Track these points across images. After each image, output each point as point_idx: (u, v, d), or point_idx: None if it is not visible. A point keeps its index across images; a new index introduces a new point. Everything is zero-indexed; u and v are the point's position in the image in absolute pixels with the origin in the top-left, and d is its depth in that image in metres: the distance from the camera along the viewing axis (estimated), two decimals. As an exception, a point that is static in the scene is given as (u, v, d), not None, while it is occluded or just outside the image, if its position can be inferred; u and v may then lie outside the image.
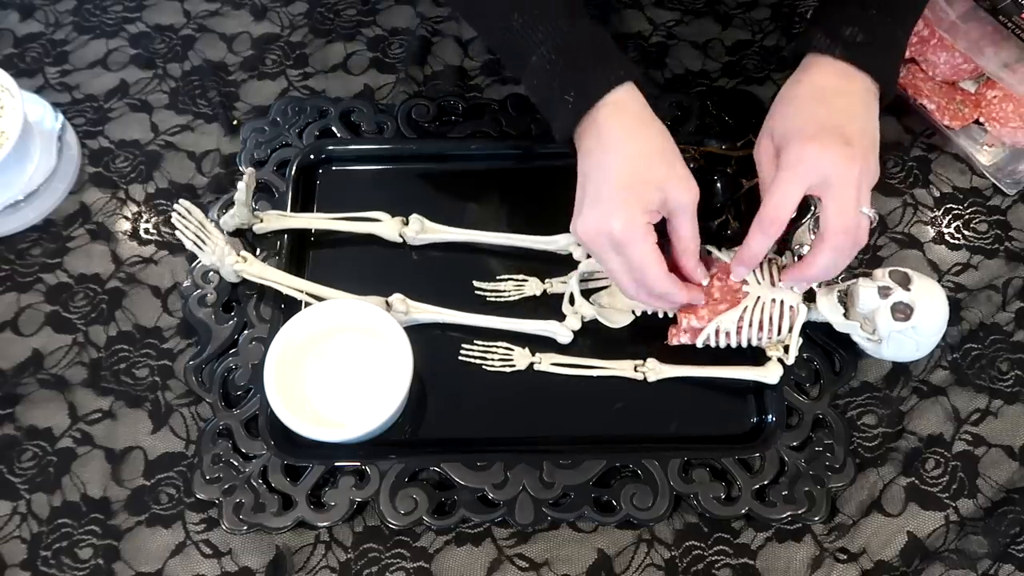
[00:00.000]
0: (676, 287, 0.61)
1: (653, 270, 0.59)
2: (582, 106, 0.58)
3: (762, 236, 0.60)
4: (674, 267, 0.62)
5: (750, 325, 0.63)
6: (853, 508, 0.63)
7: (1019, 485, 0.63)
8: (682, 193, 0.59)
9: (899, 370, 0.68)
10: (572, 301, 0.67)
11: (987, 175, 0.75)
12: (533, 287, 0.69)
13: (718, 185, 0.68)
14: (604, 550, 0.62)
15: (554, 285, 0.69)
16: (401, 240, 0.70)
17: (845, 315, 0.63)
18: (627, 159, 0.58)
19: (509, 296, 0.69)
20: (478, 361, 0.67)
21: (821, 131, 0.58)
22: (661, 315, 0.67)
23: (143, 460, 0.65)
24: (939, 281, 0.71)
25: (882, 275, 0.63)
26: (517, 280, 0.70)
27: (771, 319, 0.63)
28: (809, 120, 0.59)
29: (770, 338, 0.64)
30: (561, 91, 0.59)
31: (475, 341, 0.68)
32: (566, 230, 0.69)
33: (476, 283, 0.70)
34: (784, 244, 0.70)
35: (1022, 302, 0.70)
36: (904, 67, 0.77)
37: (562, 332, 0.67)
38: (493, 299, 0.69)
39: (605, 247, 0.59)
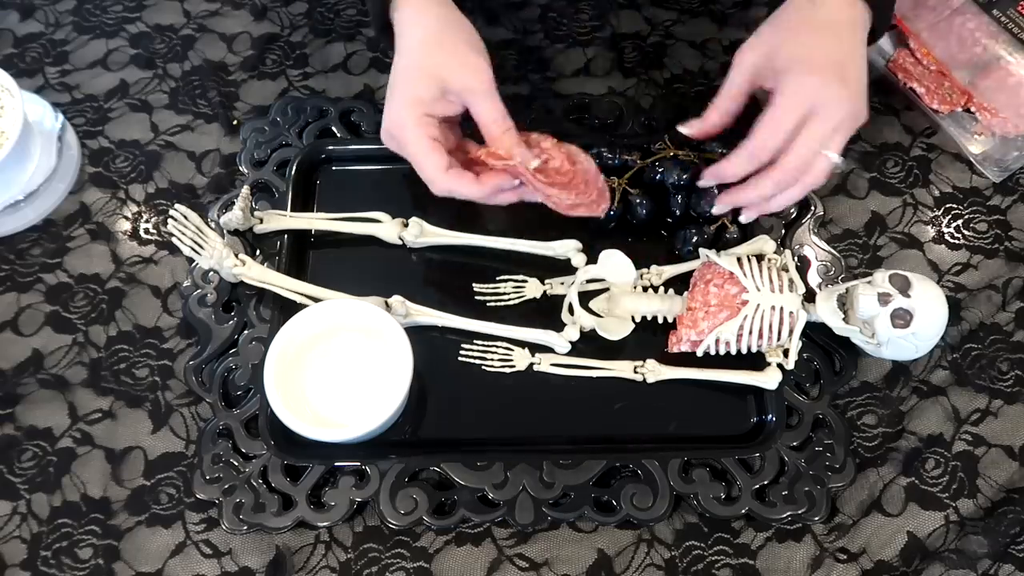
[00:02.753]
0: (459, 182, 0.60)
1: (425, 165, 0.60)
2: None
3: (747, 160, 0.61)
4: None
5: (750, 333, 0.63)
6: (853, 508, 0.63)
7: (1019, 485, 0.63)
8: (464, 77, 0.59)
9: (899, 370, 0.68)
10: (571, 311, 0.67)
11: (975, 163, 0.75)
12: (533, 289, 0.69)
13: (715, 190, 0.68)
14: (604, 550, 0.62)
15: (554, 287, 0.69)
16: (400, 243, 0.70)
17: (844, 319, 0.63)
18: (407, 50, 0.60)
19: (509, 299, 0.69)
20: (477, 361, 0.67)
21: (827, 65, 0.58)
22: (661, 320, 0.67)
23: (143, 460, 0.65)
24: (939, 281, 0.71)
25: (882, 280, 0.62)
26: (517, 281, 0.70)
27: (771, 326, 0.63)
28: (815, 50, 0.59)
29: (770, 344, 0.64)
30: None
31: (475, 341, 0.68)
32: (564, 231, 0.69)
33: (476, 286, 0.70)
34: (783, 243, 0.70)
35: (1022, 302, 0.70)
36: (896, 51, 0.77)
37: (559, 343, 0.66)
38: (493, 303, 0.69)
39: (392, 144, 0.62)
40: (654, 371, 0.65)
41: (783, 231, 0.71)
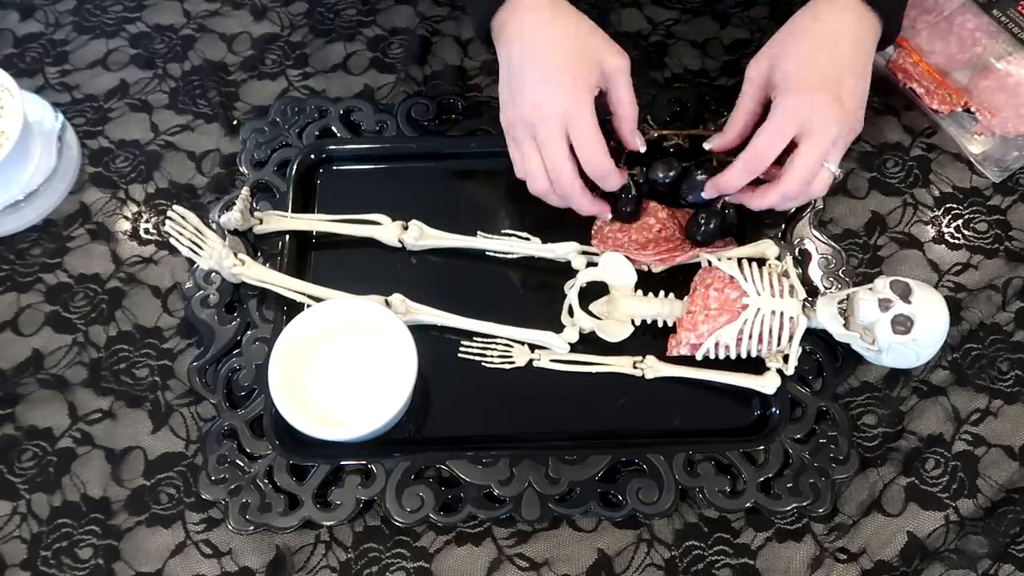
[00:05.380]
0: (599, 183, 0.64)
1: (599, 149, 0.61)
2: None
3: (744, 173, 0.62)
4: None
5: (750, 337, 0.63)
6: (853, 508, 0.63)
7: (1019, 485, 0.64)
8: (615, 57, 0.62)
9: (899, 370, 0.68)
10: (571, 312, 0.67)
11: (975, 163, 0.75)
12: (535, 245, 0.70)
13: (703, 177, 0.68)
14: (604, 550, 0.62)
15: (556, 251, 0.69)
16: (400, 245, 0.70)
17: (845, 326, 0.63)
18: (564, 38, 0.62)
19: (512, 253, 0.70)
20: (477, 358, 0.67)
21: (821, 84, 0.60)
22: (660, 324, 0.67)
23: (143, 460, 0.65)
24: (939, 281, 0.71)
25: (883, 286, 0.62)
26: (520, 237, 0.70)
27: (771, 331, 0.63)
28: (811, 67, 0.61)
29: (770, 349, 0.64)
30: None
31: (474, 338, 0.68)
32: (564, 232, 0.69)
33: (481, 233, 0.70)
34: (784, 237, 0.70)
35: (1022, 302, 0.70)
36: (895, 51, 0.77)
37: (559, 344, 0.66)
38: (493, 254, 0.70)
39: (547, 128, 0.61)
40: (653, 367, 0.65)
41: (783, 226, 0.71)
